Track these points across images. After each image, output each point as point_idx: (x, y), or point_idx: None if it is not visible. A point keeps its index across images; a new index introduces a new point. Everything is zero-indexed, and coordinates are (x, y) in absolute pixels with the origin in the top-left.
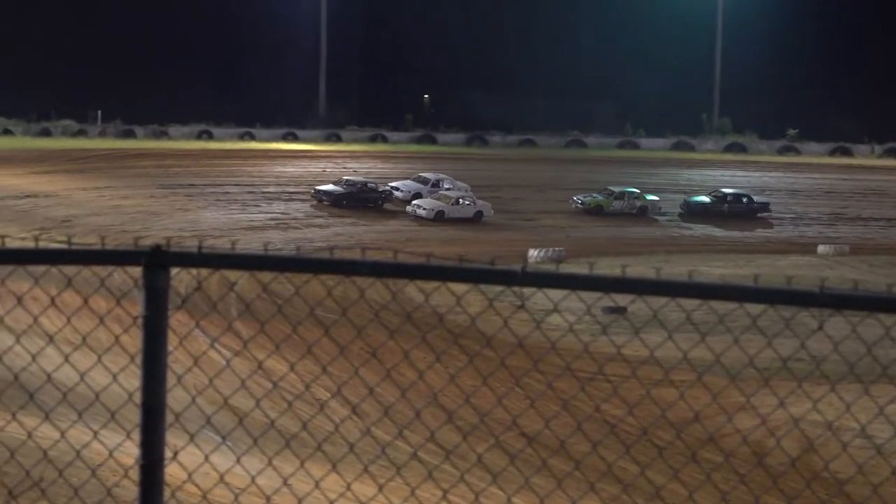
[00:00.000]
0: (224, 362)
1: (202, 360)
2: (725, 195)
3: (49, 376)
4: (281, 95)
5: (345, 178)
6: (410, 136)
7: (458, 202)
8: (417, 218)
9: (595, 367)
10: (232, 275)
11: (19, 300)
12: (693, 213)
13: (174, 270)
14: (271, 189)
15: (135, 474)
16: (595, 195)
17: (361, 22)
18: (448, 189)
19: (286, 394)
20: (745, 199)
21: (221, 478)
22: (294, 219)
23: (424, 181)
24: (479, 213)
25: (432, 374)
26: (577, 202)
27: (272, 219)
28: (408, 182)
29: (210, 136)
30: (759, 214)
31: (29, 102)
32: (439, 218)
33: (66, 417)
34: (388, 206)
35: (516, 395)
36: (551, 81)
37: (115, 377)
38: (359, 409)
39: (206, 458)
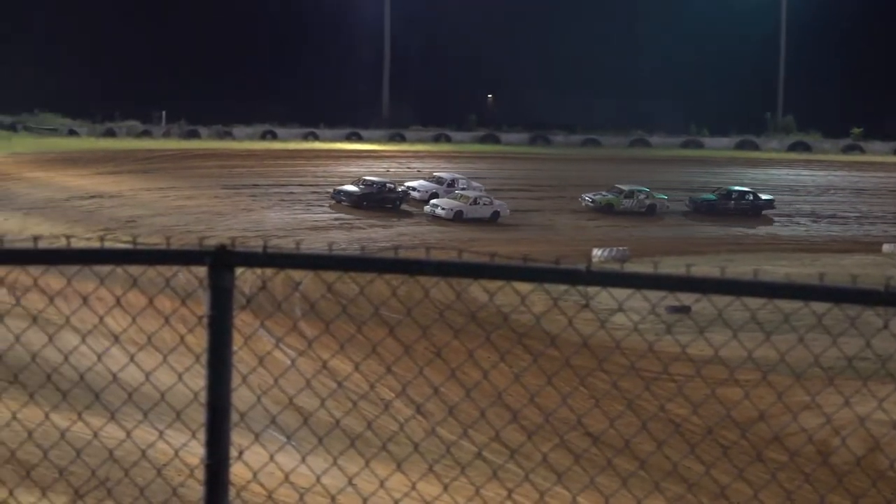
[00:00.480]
0: (289, 362)
1: (267, 360)
2: (731, 192)
3: (115, 376)
4: (345, 96)
5: (364, 178)
6: (474, 135)
7: (475, 202)
8: (435, 218)
9: (660, 366)
10: (296, 275)
11: (85, 300)
12: (699, 210)
13: (239, 270)
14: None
15: (200, 474)
16: (605, 193)
17: (425, 22)
18: (464, 189)
19: (351, 393)
20: (750, 197)
21: (286, 477)
22: (358, 219)
23: (440, 181)
24: (496, 214)
25: (497, 373)
26: (588, 200)
27: (336, 219)
28: (423, 182)
29: (274, 137)
30: (763, 212)
31: (94, 103)
32: (458, 218)
33: (132, 417)
34: (404, 206)
35: (581, 394)
36: (616, 81)
37: (180, 377)
38: (423, 409)
39: (272, 457)
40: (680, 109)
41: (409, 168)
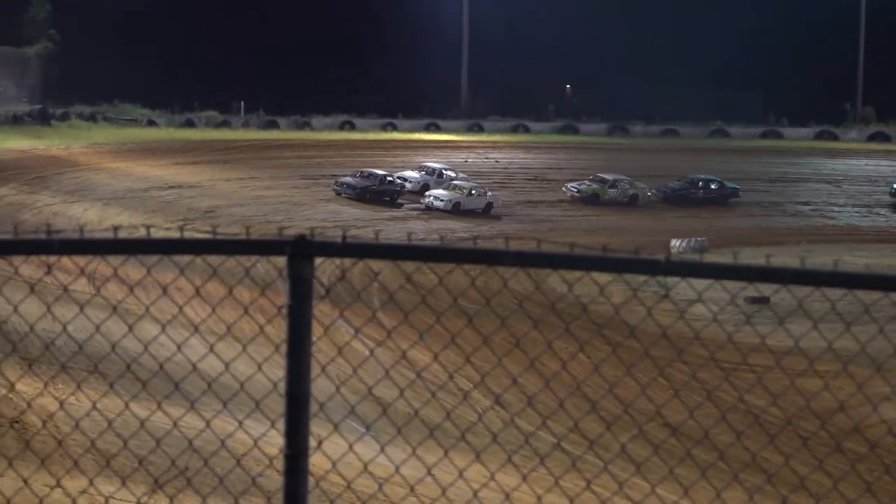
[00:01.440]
0: (367, 353)
1: (345, 350)
2: (697, 180)
3: (194, 366)
4: (423, 86)
5: (364, 170)
6: (552, 126)
7: (471, 193)
8: (432, 210)
9: (739, 357)
10: (375, 265)
11: (164, 290)
12: (669, 199)
13: (318, 261)
14: (417, 179)
15: (279, 464)
16: (590, 183)
17: (504, 13)
18: (455, 179)
19: (429, 384)
20: (715, 185)
21: (365, 467)
22: (436, 209)
23: (431, 171)
24: (490, 205)
25: (575, 364)
26: (573, 190)
27: (414, 209)
28: (412, 173)
29: (352, 127)
30: (730, 200)
31: (173, 94)
32: (456, 209)
33: (211, 407)
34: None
35: (659, 385)
36: (695, 71)
37: (259, 367)
38: (502, 400)
39: (350, 447)
40: (759, 100)
41: (486, 158)
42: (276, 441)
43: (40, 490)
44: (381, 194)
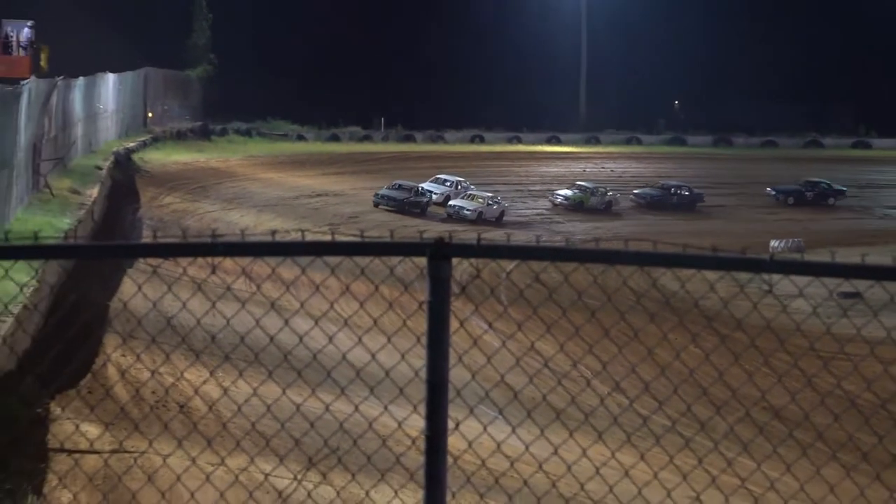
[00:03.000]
0: (498, 344)
1: (479, 342)
2: (670, 186)
3: (344, 356)
4: (545, 103)
5: (396, 182)
6: (662, 138)
7: (489, 203)
8: (457, 218)
9: (835, 346)
10: (505, 265)
11: (317, 288)
12: (645, 205)
13: (454, 261)
14: (537, 187)
15: (420, 444)
16: (576, 192)
17: (617, 36)
18: (469, 190)
19: (555, 373)
20: (685, 191)
21: (498, 447)
22: (558, 214)
23: (445, 183)
24: (502, 214)
25: (687, 354)
26: (561, 198)
27: (538, 214)
28: (434, 185)
29: (481, 140)
30: (697, 204)
31: (320, 111)
32: (480, 218)
33: (358, 394)
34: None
35: (763, 373)
36: (792, 86)
37: (403, 357)
38: (621, 386)
39: (485, 429)
40: (851, 113)
41: (602, 168)
42: (417, 424)
43: (206, 468)
44: (414, 205)
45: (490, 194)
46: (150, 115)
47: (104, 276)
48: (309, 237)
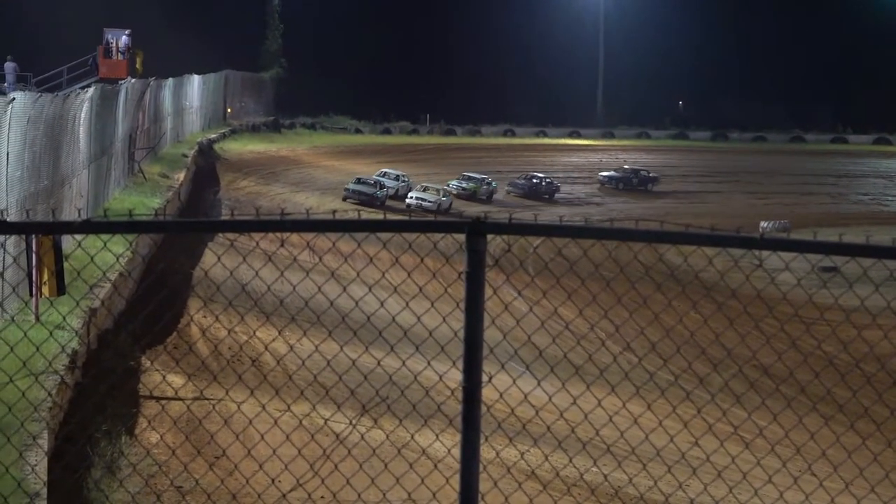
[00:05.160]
0: (526, 310)
1: (510, 307)
2: (630, 170)
3: (393, 318)
4: (568, 102)
5: (360, 177)
6: (668, 133)
7: (443, 196)
8: (420, 210)
9: (816, 313)
10: (533, 240)
11: (371, 260)
12: (609, 186)
13: (489, 237)
14: (559, 174)
15: (459, 395)
16: (469, 182)
17: (629, 45)
18: (401, 182)
19: (574, 334)
20: (643, 173)
21: (525, 397)
22: (577, 198)
23: (390, 176)
24: (450, 204)
25: (689, 319)
26: (457, 187)
27: (561, 197)
28: (389, 181)
29: (513, 134)
30: (652, 186)
31: (374, 108)
32: (439, 209)
33: (405, 351)
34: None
35: (754, 336)
36: (780, 88)
37: (444, 319)
38: (631, 346)
39: (514, 382)
40: (830, 112)
41: (616, 158)
42: (456, 377)
43: (274, 413)
44: (376, 199)
45: (440, 187)
46: (229, 110)
47: (188, 248)
48: (364, 216)
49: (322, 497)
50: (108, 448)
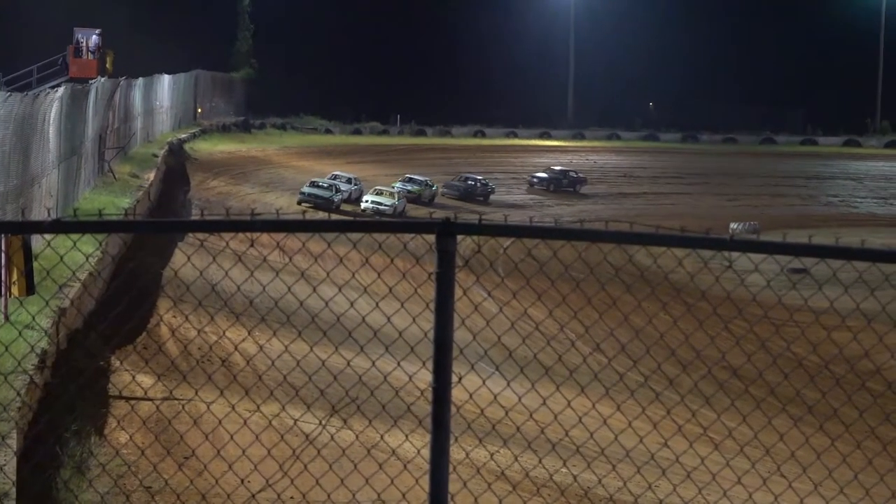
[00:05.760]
0: (496, 310)
1: (480, 308)
2: (560, 171)
3: (363, 319)
4: (538, 103)
5: (314, 180)
6: (638, 134)
7: (399, 199)
8: (376, 214)
9: (786, 315)
10: (503, 241)
11: (340, 260)
12: (540, 187)
13: (459, 237)
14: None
15: (428, 395)
16: (413, 185)
17: (601, 48)
18: (356, 186)
19: (544, 335)
20: (572, 174)
21: (495, 398)
22: (548, 199)
23: (348, 180)
24: (404, 208)
25: (658, 320)
26: (401, 189)
27: (531, 198)
28: (344, 184)
29: (483, 135)
30: (580, 188)
31: (345, 109)
32: (394, 213)
33: (375, 351)
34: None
35: (724, 337)
36: (750, 91)
37: (414, 320)
38: (601, 347)
39: (484, 382)
40: (800, 115)
41: (587, 159)
42: (425, 378)
43: (244, 413)
44: (330, 202)
45: (397, 190)
46: (199, 110)
47: (159, 248)
48: (334, 216)
49: (292, 497)
50: (78, 448)
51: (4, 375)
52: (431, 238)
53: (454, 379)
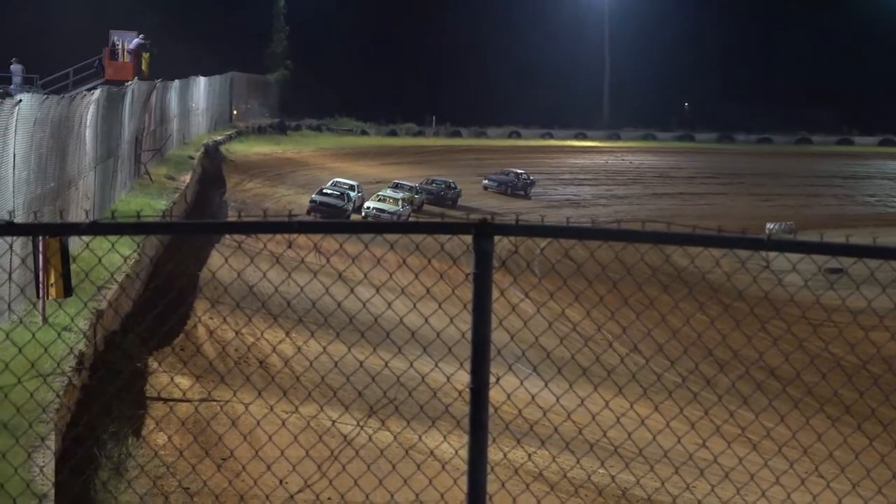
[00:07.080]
0: (533, 311)
1: (517, 308)
2: (512, 173)
3: (401, 320)
4: (574, 104)
5: (324, 188)
6: (674, 135)
7: (403, 205)
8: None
9: (823, 315)
10: (539, 242)
11: (378, 262)
12: (493, 190)
13: (496, 238)
14: (566, 176)
15: (466, 396)
16: (403, 192)
17: (636, 48)
18: (360, 193)
19: (581, 336)
20: (524, 177)
21: (532, 399)
22: (583, 199)
23: (351, 187)
24: (409, 214)
25: (696, 320)
26: (396, 198)
27: (566, 199)
28: (352, 192)
29: (519, 136)
30: (530, 191)
31: (380, 110)
32: (399, 217)
33: (413, 352)
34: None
35: (761, 337)
36: (785, 91)
37: (451, 320)
38: (638, 348)
39: (521, 383)
40: (836, 114)
41: (622, 160)
42: (463, 378)
43: (281, 415)
44: (342, 211)
45: (400, 196)
46: (234, 112)
47: (196, 250)
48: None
49: (329, 498)
50: (116, 449)
51: (43, 377)
52: (468, 239)
53: (492, 380)
